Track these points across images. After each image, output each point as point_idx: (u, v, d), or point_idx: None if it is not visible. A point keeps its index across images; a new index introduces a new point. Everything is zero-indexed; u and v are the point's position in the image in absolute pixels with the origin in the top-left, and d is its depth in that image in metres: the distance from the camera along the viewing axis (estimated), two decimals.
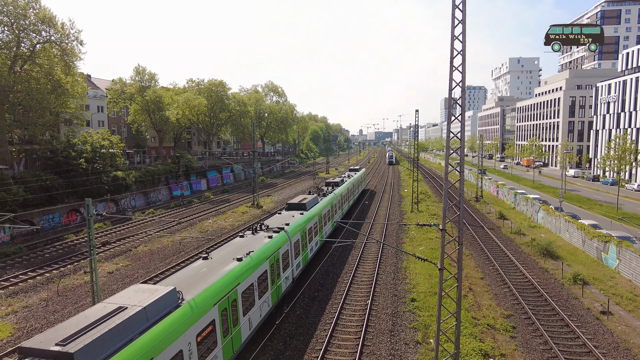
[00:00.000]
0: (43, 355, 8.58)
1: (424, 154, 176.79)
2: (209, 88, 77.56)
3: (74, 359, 8.40)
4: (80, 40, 44.88)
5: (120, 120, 73.99)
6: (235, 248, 18.04)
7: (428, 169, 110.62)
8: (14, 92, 40.36)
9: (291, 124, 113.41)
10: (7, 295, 23.64)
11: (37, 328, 19.83)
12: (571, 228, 33.87)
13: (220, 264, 15.71)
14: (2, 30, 40.55)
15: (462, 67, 12.94)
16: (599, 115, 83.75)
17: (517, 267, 27.90)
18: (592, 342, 18.00)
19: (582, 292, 23.36)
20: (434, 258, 28.01)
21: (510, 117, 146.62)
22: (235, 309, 14.45)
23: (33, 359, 8.57)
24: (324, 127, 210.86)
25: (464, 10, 12.67)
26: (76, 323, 9.78)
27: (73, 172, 44.44)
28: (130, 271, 27.86)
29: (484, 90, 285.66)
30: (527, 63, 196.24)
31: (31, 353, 8.67)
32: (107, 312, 10.26)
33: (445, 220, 13.60)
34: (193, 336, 11.62)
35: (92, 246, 17.31)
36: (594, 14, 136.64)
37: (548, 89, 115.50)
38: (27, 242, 34.66)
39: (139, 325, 10.31)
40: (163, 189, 58.75)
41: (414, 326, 19.24)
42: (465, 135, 21.68)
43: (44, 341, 8.94)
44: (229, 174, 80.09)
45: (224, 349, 13.30)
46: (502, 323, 19.72)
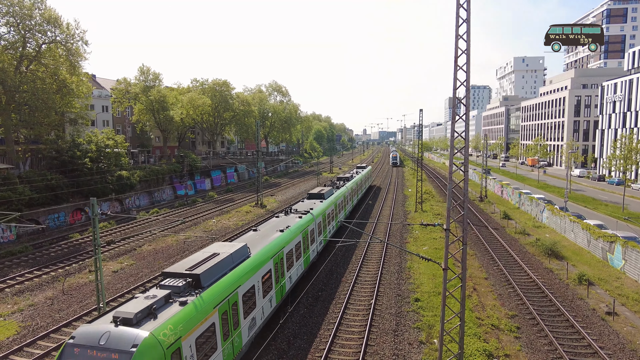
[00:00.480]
0: (180, 276, 13.35)
1: (428, 154, 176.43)
2: (213, 88, 77.73)
3: (200, 278, 13.21)
4: (85, 41, 45.18)
5: (124, 120, 74.31)
6: (275, 224, 22.85)
7: (432, 169, 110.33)
8: (20, 92, 40.64)
9: (295, 123, 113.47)
10: (13, 294, 23.82)
11: (42, 326, 19.96)
12: (576, 228, 33.67)
13: (268, 233, 20.74)
14: (8, 31, 40.86)
15: (467, 66, 12.89)
16: (605, 115, 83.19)
17: (521, 267, 27.77)
18: (597, 343, 17.89)
19: (587, 293, 23.23)
20: (438, 258, 27.94)
21: (514, 117, 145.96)
22: (282, 265, 19.60)
23: (174, 278, 13.19)
24: (328, 127, 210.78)
25: (469, 10, 12.63)
26: (192, 260, 14.62)
27: (78, 172, 44.69)
28: (134, 270, 27.98)
29: (489, 89, 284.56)
30: (532, 62, 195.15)
31: (171, 275, 13.46)
32: (207, 255, 15.15)
33: (449, 220, 13.56)
34: (259, 277, 16.68)
35: (96, 245, 17.40)
36: (600, 13, 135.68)
37: (553, 88, 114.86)
38: (32, 241, 34.92)
39: (229, 264, 15.14)
40: (167, 189, 58.97)
41: (417, 326, 19.20)
42: (470, 135, 21.66)
43: (177, 268, 13.84)
44: (233, 174, 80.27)
45: (276, 291, 18.64)
46: (507, 323, 19.64)
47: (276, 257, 18.63)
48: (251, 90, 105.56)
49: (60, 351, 10.18)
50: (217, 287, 13.50)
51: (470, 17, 12.62)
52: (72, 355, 10.00)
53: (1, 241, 34.20)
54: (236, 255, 15.82)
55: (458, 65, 12.85)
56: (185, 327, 11.29)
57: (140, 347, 9.83)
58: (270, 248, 18.44)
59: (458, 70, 12.88)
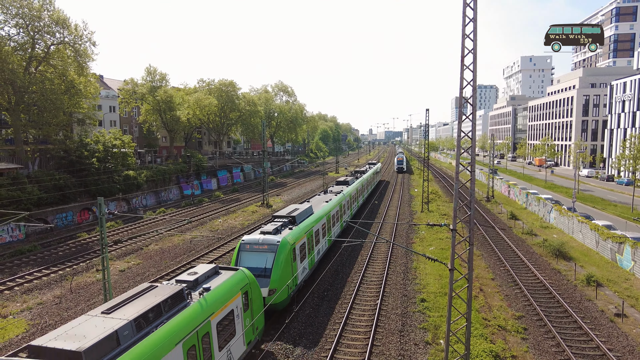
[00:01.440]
0: (284, 217, 23.93)
1: (434, 154, 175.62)
2: (220, 88, 78.02)
3: (296, 219, 23.64)
4: (93, 42, 45.57)
5: (131, 120, 74.85)
6: (321, 198, 33.47)
7: (438, 169, 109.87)
8: (29, 92, 41.09)
9: (301, 123, 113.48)
10: (22, 292, 24.09)
11: (50, 324, 20.16)
12: (584, 229, 33.35)
13: (318, 203, 30.89)
14: (18, 32, 41.34)
15: (473, 66, 12.82)
16: (614, 114, 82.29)
17: (528, 267, 27.56)
18: (606, 344, 17.70)
19: (595, 294, 22.99)
20: (444, 258, 27.81)
21: (521, 116, 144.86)
22: (330, 223, 29.44)
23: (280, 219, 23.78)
24: (334, 127, 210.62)
25: (475, 9, 12.55)
26: (288, 209, 25.16)
27: (85, 172, 45.08)
28: (141, 269, 28.16)
29: (495, 89, 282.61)
30: (540, 61, 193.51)
31: (278, 217, 23.92)
32: (292, 209, 25.66)
33: (455, 220, 13.49)
34: (320, 226, 26.56)
35: (104, 244, 17.54)
36: (609, 11, 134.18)
37: (561, 88, 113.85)
38: (41, 240, 35.28)
39: (307, 213, 25.69)
40: (174, 188, 59.29)
41: (423, 327, 19.12)
42: (476, 135, 21.54)
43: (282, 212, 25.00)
44: (239, 174, 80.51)
45: (327, 240, 28.24)
46: (514, 324, 19.50)
47: (325, 217, 28.20)
48: (257, 90, 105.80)
49: (239, 245, 20.45)
50: (304, 224, 23.82)
51: (477, 16, 12.55)
52: (244, 248, 20.27)
53: (11, 240, 34.59)
54: (309, 209, 26.02)
55: (465, 65, 12.78)
56: (295, 239, 21.47)
57: (280, 242, 19.98)
58: (324, 209, 28.71)
59: (465, 70, 12.81)
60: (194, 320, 12.01)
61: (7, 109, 41.18)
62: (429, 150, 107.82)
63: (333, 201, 31.96)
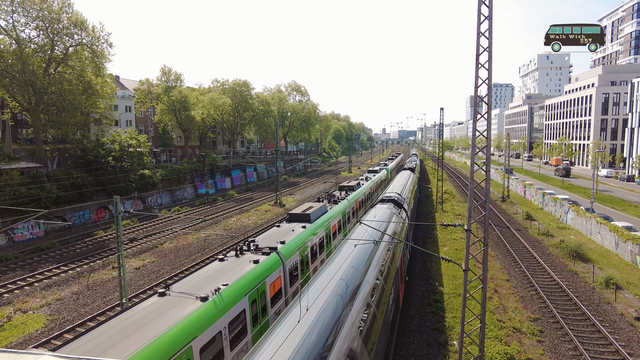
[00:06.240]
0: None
1: (448, 153, 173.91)
2: (233, 88, 78.60)
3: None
4: (109, 43, 46.35)
5: (147, 120, 75.96)
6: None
7: (453, 168, 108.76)
8: (48, 93, 42.03)
9: (314, 123, 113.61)
10: (42, 288, 24.67)
11: (68, 320, 20.60)
12: (603, 230, 32.61)
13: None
14: (38, 34, 42.32)
15: (489, 64, 12.64)
16: (635, 113, 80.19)
17: (544, 269, 27.08)
18: (625, 349, 17.28)
19: (614, 297, 22.46)
20: (459, 259, 27.52)
21: (538, 115, 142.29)
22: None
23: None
24: (347, 126, 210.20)
25: (491, 6, 12.38)
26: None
27: (102, 170, 45.91)
28: (156, 267, 28.56)
29: (511, 87, 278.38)
30: (557, 59, 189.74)
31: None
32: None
33: (470, 221, 13.34)
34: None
35: (120, 242, 17.84)
36: (630, 7, 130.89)
37: (579, 86, 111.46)
38: (59, 237, 36.07)
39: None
40: (188, 187, 59.96)
41: (437, 327, 18.96)
42: (492, 134, 21.26)
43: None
44: (253, 173, 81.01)
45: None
46: (529, 326, 19.19)
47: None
48: (270, 90, 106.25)
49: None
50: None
51: (492, 14, 12.37)
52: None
53: (31, 237, 35.46)
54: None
55: (480, 63, 12.61)
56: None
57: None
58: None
59: (479, 68, 12.64)
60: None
61: (28, 109, 42.22)
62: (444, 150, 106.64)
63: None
